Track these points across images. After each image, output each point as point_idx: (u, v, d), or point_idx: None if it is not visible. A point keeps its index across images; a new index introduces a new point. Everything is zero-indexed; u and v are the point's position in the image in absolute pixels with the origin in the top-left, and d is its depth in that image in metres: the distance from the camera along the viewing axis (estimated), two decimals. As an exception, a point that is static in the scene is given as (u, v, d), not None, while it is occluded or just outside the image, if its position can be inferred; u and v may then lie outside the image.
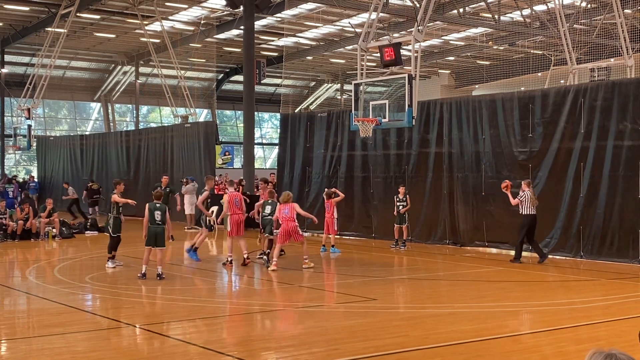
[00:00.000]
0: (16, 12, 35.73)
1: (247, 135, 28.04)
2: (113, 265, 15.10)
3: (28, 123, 35.00)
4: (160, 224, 13.57)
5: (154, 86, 45.17)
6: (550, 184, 16.99)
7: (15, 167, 48.59)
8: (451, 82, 49.46)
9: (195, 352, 8.10)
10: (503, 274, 14.67)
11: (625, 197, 15.62)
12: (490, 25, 33.92)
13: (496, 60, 44.57)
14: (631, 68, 23.74)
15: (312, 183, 22.96)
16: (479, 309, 10.75)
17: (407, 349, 8.17)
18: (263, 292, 13.37)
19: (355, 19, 34.70)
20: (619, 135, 15.76)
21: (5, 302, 11.84)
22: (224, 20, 36.78)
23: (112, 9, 34.84)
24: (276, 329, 9.76)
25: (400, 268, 15.14)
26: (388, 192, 20.06)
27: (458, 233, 18.97)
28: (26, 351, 8.26)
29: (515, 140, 17.73)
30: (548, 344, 8.51)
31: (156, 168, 29.79)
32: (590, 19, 31.39)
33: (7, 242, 20.36)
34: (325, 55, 45.18)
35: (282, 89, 50.84)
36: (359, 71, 16.95)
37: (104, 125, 50.65)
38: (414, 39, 15.77)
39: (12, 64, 44.77)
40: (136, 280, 13.74)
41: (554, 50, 34.63)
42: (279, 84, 50.67)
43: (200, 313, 10.72)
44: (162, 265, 13.62)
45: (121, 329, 9.42)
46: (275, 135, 51.43)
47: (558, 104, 16.98)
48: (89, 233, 23.29)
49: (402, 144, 20.40)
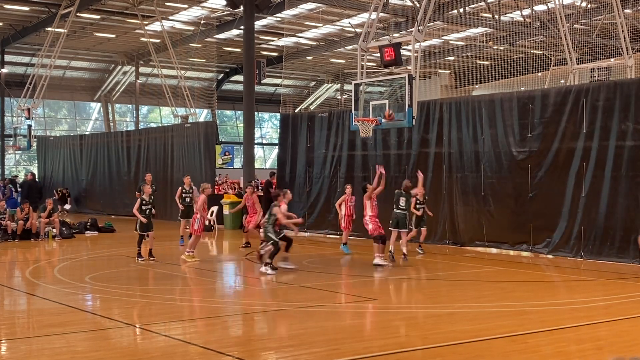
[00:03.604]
0: (16, 12, 35.72)
1: (247, 135, 28.03)
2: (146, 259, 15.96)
3: (28, 123, 34.98)
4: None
5: (154, 86, 45.18)
6: (551, 184, 16.98)
7: (15, 167, 48.59)
8: (451, 82, 49.45)
9: (195, 352, 8.10)
10: (503, 274, 14.66)
11: (627, 197, 15.60)
12: (490, 25, 33.91)
13: (496, 60, 44.57)
14: (631, 68, 23.75)
15: (312, 183, 22.97)
16: (479, 309, 10.75)
17: (407, 349, 8.17)
18: (263, 292, 13.37)
19: (355, 19, 34.71)
20: (621, 135, 15.75)
21: (5, 302, 11.83)
22: (224, 20, 36.78)
23: (112, 9, 34.83)
24: (276, 329, 9.75)
25: (401, 268, 15.13)
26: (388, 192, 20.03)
27: (458, 233, 18.96)
28: (26, 351, 8.26)
29: (514, 140, 17.72)
30: (548, 344, 8.50)
31: (156, 168, 29.78)
32: (590, 19, 31.41)
33: (7, 242, 20.35)
34: (325, 55, 45.18)
35: (282, 89, 50.82)
36: (359, 71, 16.93)
37: (104, 125, 50.64)
38: (414, 39, 15.75)
39: (12, 64, 44.75)
40: (136, 280, 13.74)
41: (554, 50, 34.64)
42: (279, 84, 50.64)
43: (200, 313, 10.72)
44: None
45: (121, 329, 9.41)
46: (275, 135, 51.41)
47: (559, 104, 16.97)
48: (89, 233, 23.28)
49: (402, 144, 20.39)
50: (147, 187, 16.47)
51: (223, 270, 15.80)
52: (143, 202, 15.94)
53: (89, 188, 34.39)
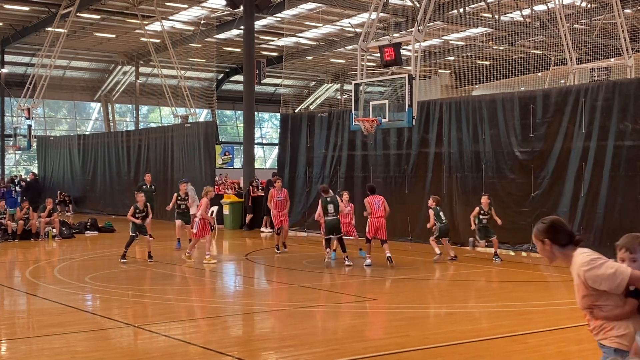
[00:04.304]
0: (16, 12, 35.71)
1: (247, 135, 28.04)
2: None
3: (28, 123, 34.95)
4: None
5: (154, 86, 45.17)
6: (552, 184, 16.98)
7: (15, 167, 48.59)
8: (451, 82, 49.45)
9: (195, 352, 8.10)
10: (503, 274, 14.66)
11: (626, 197, 15.60)
12: (490, 25, 33.92)
13: (496, 60, 44.56)
14: (631, 68, 23.75)
15: (312, 183, 22.96)
16: (479, 309, 10.75)
17: (407, 349, 8.17)
18: (263, 292, 13.37)
19: (355, 19, 34.70)
20: (620, 135, 15.75)
21: (5, 302, 11.84)
22: (224, 20, 36.78)
23: (112, 9, 34.83)
24: (276, 329, 9.75)
25: (400, 268, 15.13)
26: (388, 192, 20.03)
27: (458, 233, 18.95)
28: (26, 351, 8.26)
29: (516, 140, 17.70)
30: (549, 344, 8.51)
31: (156, 168, 29.79)
32: (590, 19, 31.42)
33: (7, 242, 20.35)
34: (325, 55, 45.18)
35: (282, 89, 50.83)
36: (359, 71, 16.94)
37: (104, 125, 50.63)
38: (414, 39, 15.77)
39: (12, 64, 44.75)
40: (136, 280, 13.73)
41: (554, 50, 34.63)
42: (279, 84, 50.65)
43: (200, 313, 10.72)
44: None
45: (121, 329, 9.41)
46: (275, 135, 51.42)
47: (559, 104, 16.97)
48: (89, 233, 23.29)
49: (402, 144, 20.39)
50: (140, 196, 16.28)
51: (223, 270, 15.80)
52: (137, 211, 15.89)
53: (89, 188, 34.40)
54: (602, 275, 4.31)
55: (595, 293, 4.39)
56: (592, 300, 4.43)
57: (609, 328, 4.46)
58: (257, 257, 17.73)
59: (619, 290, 4.33)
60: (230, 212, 24.94)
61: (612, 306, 4.40)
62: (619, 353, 4.41)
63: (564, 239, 4.54)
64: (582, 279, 4.41)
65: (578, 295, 4.53)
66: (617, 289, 4.32)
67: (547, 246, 4.57)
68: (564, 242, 4.54)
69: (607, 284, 4.31)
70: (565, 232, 4.56)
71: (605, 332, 4.49)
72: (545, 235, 4.57)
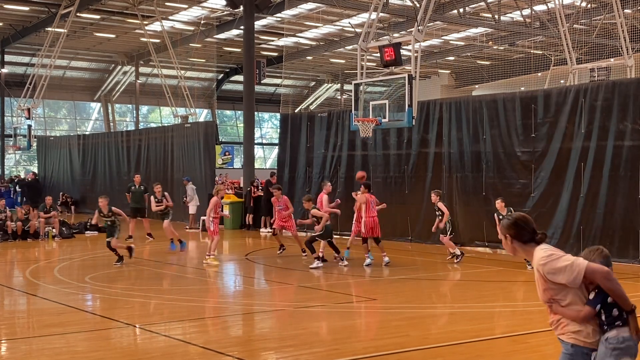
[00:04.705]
0: (16, 12, 35.71)
1: (247, 135, 28.03)
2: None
3: (28, 123, 34.97)
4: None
5: (154, 86, 45.16)
6: (551, 184, 16.98)
7: (15, 167, 48.58)
8: (451, 82, 49.44)
9: (195, 352, 8.10)
10: (503, 274, 14.66)
11: (626, 197, 15.60)
12: (490, 25, 33.90)
13: (496, 60, 44.56)
14: (631, 68, 23.75)
15: (312, 183, 22.95)
16: (479, 309, 10.75)
17: (407, 349, 8.17)
18: (263, 292, 13.37)
19: (355, 19, 34.70)
20: (619, 135, 15.74)
21: (5, 302, 11.84)
22: (224, 20, 36.77)
23: (112, 9, 34.82)
24: (276, 329, 9.75)
25: (400, 268, 15.13)
26: (388, 192, 20.04)
27: (458, 233, 18.95)
28: (26, 351, 8.26)
29: (517, 140, 17.69)
30: (549, 344, 8.50)
31: (156, 168, 29.79)
32: (590, 19, 31.42)
33: (7, 242, 20.35)
34: (325, 55, 45.17)
35: (282, 89, 50.83)
36: (359, 71, 16.93)
37: (104, 125, 50.63)
38: (414, 39, 15.77)
39: (12, 64, 44.75)
40: (136, 280, 13.72)
41: (554, 50, 34.63)
42: (279, 84, 50.65)
43: (200, 313, 10.72)
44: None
45: (121, 329, 9.41)
46: (275, 135, 51.41)
47: (560, 104, 16.97)
48: (89, 233, 23.27)
49: (402, 144, 20.39)
50: (103, 199, 16.69)
51: (223, 270, 15.79)
52: (101, 214, 16.28)
53: (88, 188, 34.38)
54: (558, 268, 4.46)
55: (555, 287, 4.54)
56: (552, 294, 4.58)
57: (565, 324, 4.61)
58: (257, 257, 17.73)
59: (576, 282, 4.46)
60: (230, 212, 24.92)
61: (570, 302, 4.52)
62: (576, 348, 4.55)
63: (525, 235, 4.67)
64: (541, 273, 4.58)
65: (539, 289, 4.69)
66: (575, 282, 4.46)
67: (509, 241, 4.73)
68: (526, 238, 4.67)
69: (564, 277, 4.45)
70: (528, 230, 4.68)
71: (563, 328, 4.64)
72: (507, 231, 4.73)
